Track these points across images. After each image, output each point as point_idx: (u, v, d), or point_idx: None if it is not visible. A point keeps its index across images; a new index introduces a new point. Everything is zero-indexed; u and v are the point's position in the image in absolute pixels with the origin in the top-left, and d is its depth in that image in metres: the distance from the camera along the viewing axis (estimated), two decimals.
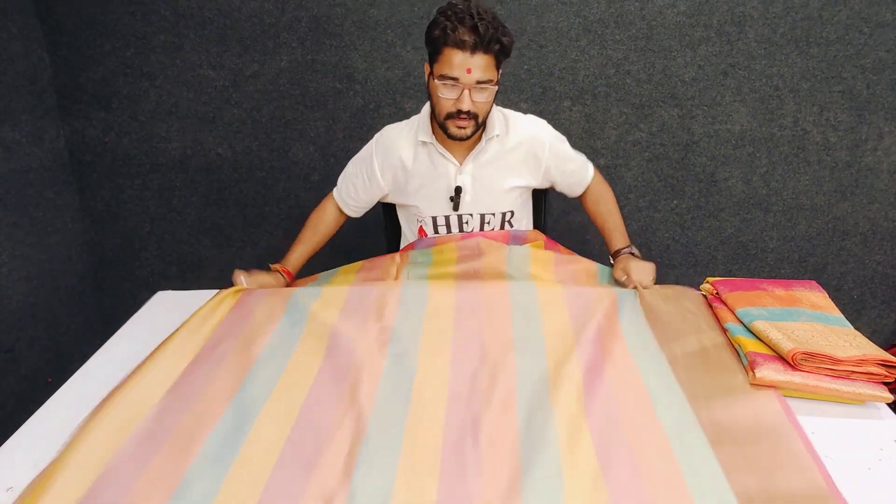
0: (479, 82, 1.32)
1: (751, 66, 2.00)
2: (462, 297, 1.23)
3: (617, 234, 1.57)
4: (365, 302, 1.23)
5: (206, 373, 1.04)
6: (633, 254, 1.49)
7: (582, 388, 0.98)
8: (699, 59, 2.01)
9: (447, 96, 1.34)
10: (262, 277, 1.45)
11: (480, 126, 1.42)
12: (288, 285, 1.50)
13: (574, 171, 1.58)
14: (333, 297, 1.25)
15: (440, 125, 1.41)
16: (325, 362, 1.07)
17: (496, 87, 1.36)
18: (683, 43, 1.99)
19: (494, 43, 1.29)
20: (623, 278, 1.38)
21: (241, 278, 1.40)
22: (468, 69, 1.30)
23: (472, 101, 1.34)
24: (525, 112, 1.57)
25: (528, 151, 1.51)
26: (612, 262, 1.52)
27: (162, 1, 2.02)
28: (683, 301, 1.25)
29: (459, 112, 1.35)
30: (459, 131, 1.38)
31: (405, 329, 1.14)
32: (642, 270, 1.39)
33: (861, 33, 1.94)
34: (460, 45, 1.28)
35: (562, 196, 1.67)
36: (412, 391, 0.99)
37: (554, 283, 1.30)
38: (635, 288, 1.31)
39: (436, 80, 1.34)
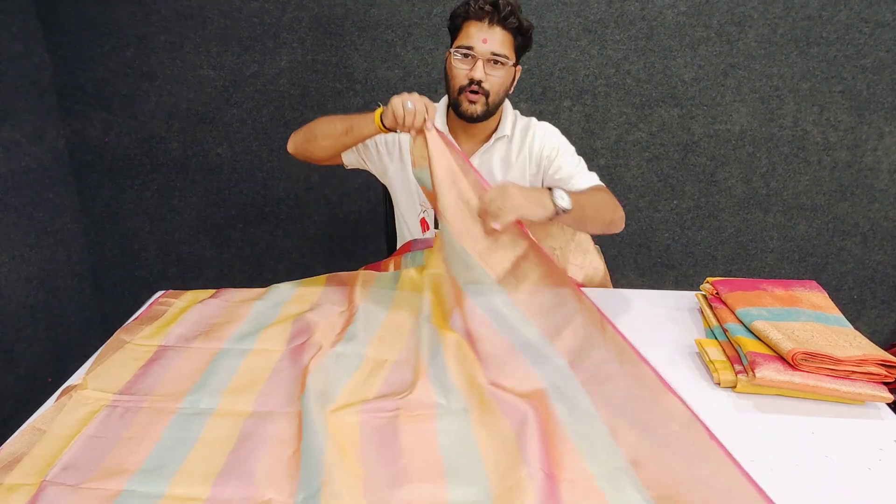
0: (494, 54, 1.33)
1: (751, 66, 2.00)
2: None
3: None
4: (334, 296, 1.29)
5: (167, 363, 1.07)
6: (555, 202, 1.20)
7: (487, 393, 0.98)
8: (699, 59, 2.01)
9: (461, 67, 1.35)
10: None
11: (491, 110, 1.39)
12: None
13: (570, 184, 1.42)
14: (307, 292, 1.31)
15: (453, 104, 1.40)
16: (287, 348, 1.11)
17: (513, 68, 1.37)
18: (683, 43, 1.99)
19: (512, 17, 1.32)
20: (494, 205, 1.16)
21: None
22: (484, 39, 1.32)
23: (486, 73, 1.34)
24: (524, 112, 1.56)
25: (537, 165, 1.46)
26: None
27: (162, 1, 2.02)
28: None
29: (471, 83, 1.34)
30: (470, 106, 1.36)
31: (365, 320, 1.18)
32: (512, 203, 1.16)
33: (861, 33, 1.94)
34: (478, 16, 1.32)
35: None
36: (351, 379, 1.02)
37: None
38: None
39: (451, 51, 1.36)
